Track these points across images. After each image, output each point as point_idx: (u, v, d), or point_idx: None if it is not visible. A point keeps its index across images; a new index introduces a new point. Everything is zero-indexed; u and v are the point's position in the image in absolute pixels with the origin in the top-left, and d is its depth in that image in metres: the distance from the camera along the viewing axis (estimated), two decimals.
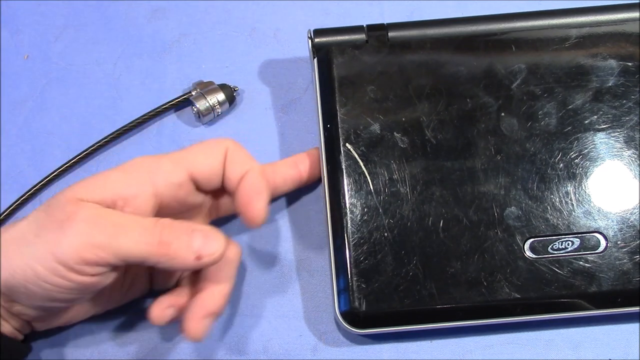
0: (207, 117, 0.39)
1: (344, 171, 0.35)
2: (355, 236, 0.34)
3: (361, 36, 0.37)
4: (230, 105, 0.40)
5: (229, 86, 0.40)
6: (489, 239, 0.33)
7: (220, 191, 0.34)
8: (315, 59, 0.37)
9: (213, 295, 0.32)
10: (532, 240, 0.34)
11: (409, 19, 0.42)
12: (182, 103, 0.40)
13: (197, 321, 0.31)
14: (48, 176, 0.39)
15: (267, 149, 0.40)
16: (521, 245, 0.33)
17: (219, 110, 0.39)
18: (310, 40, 0.37)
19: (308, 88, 0.41)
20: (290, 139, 0.40)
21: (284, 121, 0.40)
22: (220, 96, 0.39)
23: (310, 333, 0.36)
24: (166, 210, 0.32)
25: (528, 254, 0.33)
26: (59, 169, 0.39)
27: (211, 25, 0.43)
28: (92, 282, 0.29)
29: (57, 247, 0.28)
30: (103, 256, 0.28)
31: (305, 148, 0.39)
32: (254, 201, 0.31)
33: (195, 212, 0.34)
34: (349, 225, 0.34)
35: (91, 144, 0.39)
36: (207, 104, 0.39)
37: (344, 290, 0.33)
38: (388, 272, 0.33)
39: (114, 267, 0.29)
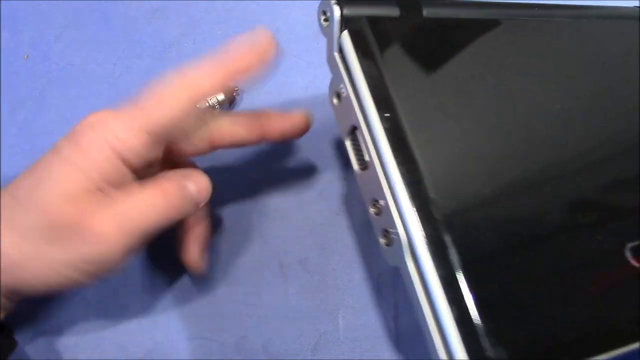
0: None
1: (422, 168, 0.26)
2: (466, 258, 0.24)
3: (394, 10, 0.31)
4: (230, 106, 0.40)
5: (229, 86, 0.40)
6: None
7: None
8: (345, 32, 0.29)
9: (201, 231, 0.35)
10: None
11: None
12: None
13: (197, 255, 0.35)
14: None
15: (266, 149, 0.40)
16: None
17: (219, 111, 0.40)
18: (335, 9, 0.29)
19: (308, 87, 0.41)
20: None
21: None
22: (220, 96, 0.39)
23: (310, 333, 0.36)
24: None
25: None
26: None
27: (211, 25, 0.43)
28: None
29: None
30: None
31: (306, 148, 0.39)
32: None
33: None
34: (458, 246, 0.25)
35: None
36: (207, 104, 0.39)
37: (467, 337, 0.24)
38: (521, 304, 0.25)
39: None
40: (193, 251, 0.35)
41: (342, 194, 0.38)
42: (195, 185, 0.31)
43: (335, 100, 0.29)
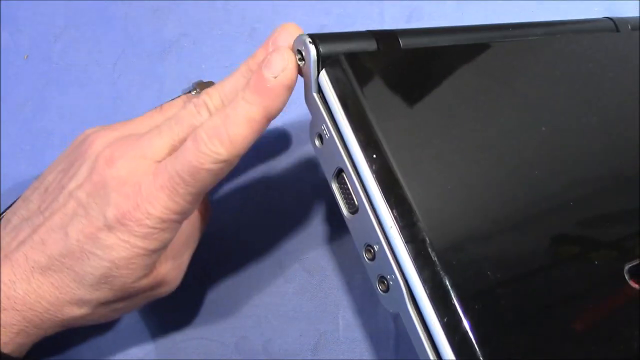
0: None
1: (415, 209, 0.24)
2: (461, 289, 0.23)
3: (372, 44, 0.29)
4: None
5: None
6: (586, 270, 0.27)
7: None
8: (324, 71, 0.27)
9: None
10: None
11: (408, 18, 0.42)
12: None
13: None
14: None
15: (266, 149, 0.40)
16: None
17: None
18: (311, 47, 0.27)
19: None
20: (291, 138, 0.40)
21: (285, 120, 0.40)
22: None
23: (310, 333, 0.36)
24: None
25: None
26: None
27: (211, 25, 0.43)
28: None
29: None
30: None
31: (306, 147, 0.39)
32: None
33: None
34: (457, 289, 0.23)
35: None
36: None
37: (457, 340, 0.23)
38: (529, 342, 0.24)
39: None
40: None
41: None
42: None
43: (317, 142, 0.28)
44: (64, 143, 0.40)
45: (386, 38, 0.30)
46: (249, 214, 0.38)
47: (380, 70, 0.28)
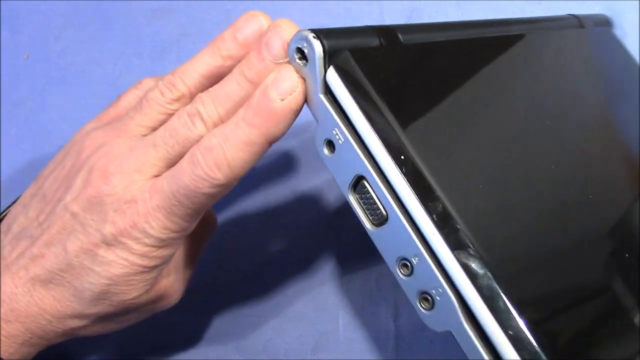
0: None
1: (453, 214, 0.22)
2: (519, 298, 0.21)
3: (374, 40, 0.27)
4: None
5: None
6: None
7: None
8: (332, 69, 0.24)
9: None
10: None
11: (408, 18, 0.42)
12: None
13: None
14: None
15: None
16: None
17: None
18: (315, 44, 0.24)
19: None
20: (292, 136, 0.40)
21: None
22: None
23: (310, 333, 0.36)
24: None
25: None
26: None
27: (211, 25, 0.43)
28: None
29: None
30: None
31: (306, 147, 0.39)
32: None
33: None
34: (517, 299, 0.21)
35: None
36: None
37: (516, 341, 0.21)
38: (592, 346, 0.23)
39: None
40: None
41: (342, 194, 0.38)
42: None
43: (326, 151, 0.25)
44: (64, 143, 0.40)
45: (386, 33, 0.27)
46: (250, 215, 0.38)
47: (388, 66, 0.26)
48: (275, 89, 0.24)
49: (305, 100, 0.25)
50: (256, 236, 0.38)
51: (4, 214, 0.38)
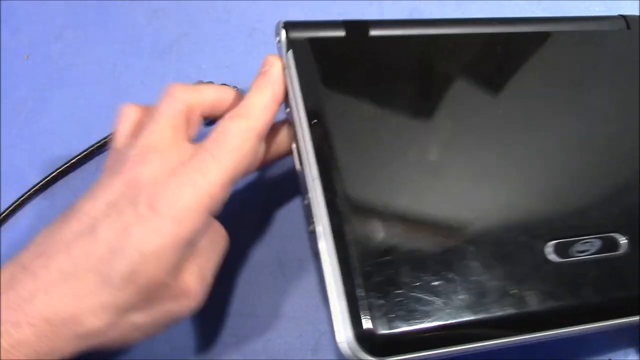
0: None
1: (341, 170, 0.30)
2: (365, 243, 0.28)
3: (340, 32, 0.34)
4: None
5: (230, 87, 0.40)
6: (510, 242, 0.30)
7: None
8: (290, 52, 0.32)
9: None
10: (554, 242, 0.30)
11: (408, 17, 0.42)
12: None
13: None
14: (48, 176, 0.39)
15: None
16: (544, 248, 0.30)
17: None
18: (283, 32, 0.33)
19: None
20: None
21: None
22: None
23: (310, 333, 0.36)
24: None
25: (552, 257, 0.30)
26: (58, 169, 0.39)
27: (211, 25, 0.43)
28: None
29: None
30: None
31: None
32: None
33: None
34: (355, 230, 0.28)
35: (91, 144, 0.39)
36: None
37: (352, 309, 0.27)
38: (407, 285, 0.28)
39: None
40: None
41: None
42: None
43: (287, 110, 0.33)
44: (64, 143, 0.40)
45: (356, 27, 0.34)
46: (249, 214, 0.38)
47: (345, 55, 0.33)
48: (264, 65, 0.33)
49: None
50: (256, 235, 0.38)
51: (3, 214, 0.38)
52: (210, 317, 0.36)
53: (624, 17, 0.38)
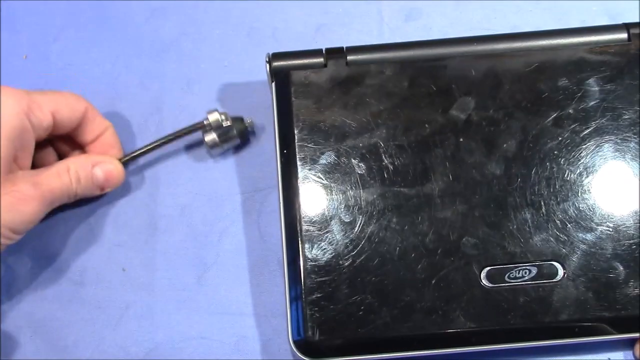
0: (216, 150, 0.39)
1: (300, 197, 0.34)
2: (310, 264, 0.33)
3: (319, 60, 0.36)
4: (241, 140, 0.39)
5: (243, 121, 0.39)
6: (445, 267, 0.33)
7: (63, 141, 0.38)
8: (273, 83, 0.36)
9: None
10: (489, 268, 0.33)
11: (406, 18, 0.42)
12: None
13: None
14: None
15: (265, 148, 0.40)
16: (478, 273, 0.33)
17: (229, 146, 0.39)
18: (267, 64, 0.36)
19: None
20: None
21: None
22: (232, 133, 0.38)
23: None
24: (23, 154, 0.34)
25: (484, 282, 0.33)
26: None
27: (210, 24, 0.43)
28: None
29: None
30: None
31: None
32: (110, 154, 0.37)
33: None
34: (304, 252, 0.33)
35: None
36: (216, 140, 0.38)
37: (297, 318, 0.33)
38: (343, 301, 0.33)
39: None
40: None
41: None
42: (103, 173, 0.36)
43: None
44: None
45: (333, 54, 0.37)
46: (249, 214, 0.38)
47: (318, 83, 0.36)
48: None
49: None
50: (256, 235, 0.38)
51: None
52: (210, 317, 0.37)
53: (626, 25, 0.37)
